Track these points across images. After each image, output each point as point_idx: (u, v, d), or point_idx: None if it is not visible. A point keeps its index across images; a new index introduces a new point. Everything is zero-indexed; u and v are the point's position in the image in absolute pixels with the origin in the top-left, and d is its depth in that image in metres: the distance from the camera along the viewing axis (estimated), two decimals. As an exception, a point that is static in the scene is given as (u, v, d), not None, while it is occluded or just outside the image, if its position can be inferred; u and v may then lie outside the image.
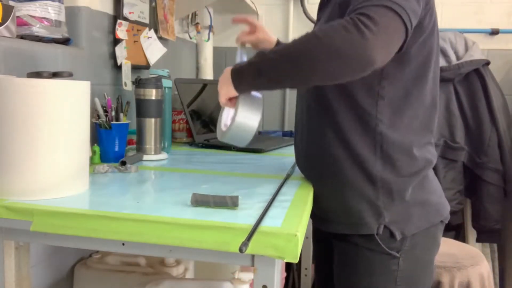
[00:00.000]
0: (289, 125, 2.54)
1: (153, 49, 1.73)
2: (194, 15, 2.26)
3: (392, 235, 1.01)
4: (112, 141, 1.29)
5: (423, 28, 0.95)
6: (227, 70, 0.94)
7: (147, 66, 1.71)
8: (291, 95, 2.48)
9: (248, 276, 0.93)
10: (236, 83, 0.92)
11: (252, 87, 0.94)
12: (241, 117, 0.94)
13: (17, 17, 1.11)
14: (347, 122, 1.00)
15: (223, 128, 1.01)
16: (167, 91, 1.53)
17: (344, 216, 1.05)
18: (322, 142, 1.05)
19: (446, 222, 1.08)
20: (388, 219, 1.01)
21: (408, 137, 1.01)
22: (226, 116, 1.03)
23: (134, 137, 1.43)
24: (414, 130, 1.02)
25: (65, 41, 1.25)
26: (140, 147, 1.37)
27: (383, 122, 0.99)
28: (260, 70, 0.89)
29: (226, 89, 0.94)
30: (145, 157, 1.34)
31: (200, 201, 0.87)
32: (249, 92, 0.95)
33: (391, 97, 0.98)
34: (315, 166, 1.10)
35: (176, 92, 1.72)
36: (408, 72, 0.98)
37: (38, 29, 1.14)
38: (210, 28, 2.32)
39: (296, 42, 0.85)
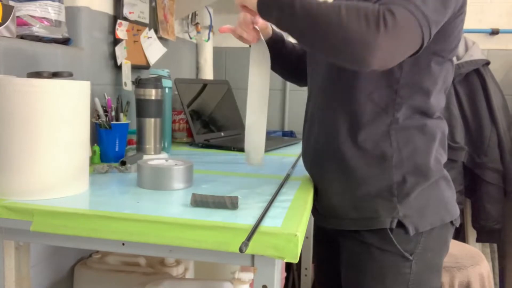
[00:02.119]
0: (289, 125, 2.54)
1: (153, 49, 1.73)
2: (194, 15, 2.26)
3: (406, 230, 0.98)
4: (112, 141, 1.29)
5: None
6: None
7: (147, 66, 1.71)
8: (291, 95, 2.48)
9: (248, 276, 0.93)
10: (260, 7, 0.92)
11: (271, 18, 0.94)
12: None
13: (17, 17, 1.11)
14: (363, 115, 1.00)
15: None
16: (167, 91, 1.53)
17: (356, 211, 1.02)
18: (336, 135, 1.03)
19: (457, 225, 1.06)
20: (402, 213, 0.98)
21: (426, 134, 1.01)
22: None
23: (134, 137, 1.43)
24: (432, 128, 1.03)
25: (65, 41, 1.25)
26: (140, 147, 1.36)
27: (399, 117, 0.99)
28: (283, 9, 0.89)
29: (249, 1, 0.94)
30: (145, 157, 1.34)
31: (199, 201, 0.87)
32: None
33: (409, 93, 0.99)
34: (326, 160, 1.07)
35: (176, 92, 1.72)
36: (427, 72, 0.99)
37: (38, 29, 1.14)
38: (210, 28, 2.32)
39: (324, 8, 0.85)
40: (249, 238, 0.74)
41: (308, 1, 0.87)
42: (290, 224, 0.79)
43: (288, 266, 2.15)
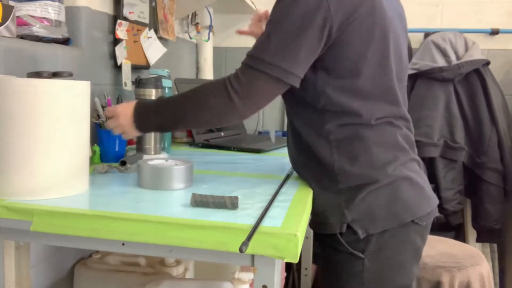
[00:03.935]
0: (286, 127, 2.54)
1: (153, 49, 1.73)
2: (194, 15, 2.26)
3: (355, 233, 1.01)
4: (112, 141, 1.29)
5: (349, 44, 0.97)
6: (125, 109, 1.07)
7: (147, 66, 1.71)
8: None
9: (248, 276, 0.93)
10: (138, 124, 1.06)
11: (152, 127, 1.09)
12: None
13: (17, 17, 1.11)
14: (303, 130, 1.07)
15: None
16: (167, 91, 1.53)
17: (315, 215, 1.07)
18: (294, 146, 1.13)
19: (423, 223, 1.04)
20: (350, 217, 1.01)
21: (364, 140, 1.02)
22: None
23: (134, 137, 1.43)
24: (371, 131, 1.03)
25: (65, 41, 1.25)
26: (140, 147, 1.36)
27: (333, 131, 1.02)
28: (159, 112, 1.04)
29: (126, 129, 1.08)
30: (145, 157, 1.34)
31: (199, 202, 0.87)
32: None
33: (333, 108, 1.01)
34: (296, 167, 1.18)
35: (176, 92, 1.72)
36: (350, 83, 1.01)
37: (38, 29, 1.14)
38: (210, 28, 2.32)
39: (185, 97, 1.03)
40: (249, 238, 0.74)
41: (174, 98, 1.05)
42: (290, 224, 0.79)
43: (288, 266, 2.15)
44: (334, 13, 0.93)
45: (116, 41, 1.52)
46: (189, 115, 1.01)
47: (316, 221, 1.07)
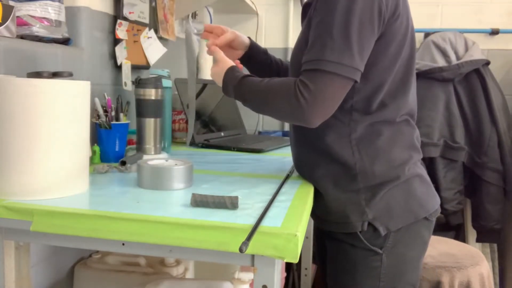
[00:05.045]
0: (289, 126, 2.53)
1: (153, 49, 1.73)
2: (194, 15, 2.26)
3: (376, 231, 1.03)
4: (112, 141, 1.29)
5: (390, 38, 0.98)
6: (223, 70, 1.09)
7: (147, 66, 1.71)
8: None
9: (248, 276, 0.93)
10: (223, 86, 1.09)
11: (231, 95, 1.09)
12: None
13: (17, 17, 1.11)
14: (322, 129, 1.04)
15: None
16: (167, 91, 1.53)
17: (329, 215, 1.08)
18: (305, 146, 1.11)
19: (433, 219, 1.09)
20: (371, 215, 1.03)
21: (384, 139, 1.04)
22: None
23: (134, 137, 1.43)
24: (392, 130, 1.05)
25: (65, 41, 1.25)
26: (140, 147, 1.36)
27: (356, 130, 1.04)
28: (237, 93, 1.05)
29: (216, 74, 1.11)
30: (145, 157, 1.34)
31: (199, 201, 0.87)
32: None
33: (362, 106, 1.02)
34: (303, 168, 1.16)
35: (176, 92, 1.72)
36: (377, 83, 1.01)
37: (38, 29, 1.14)
38: (210, 28, 2.32)
39: (263, 92, 1.00)
40: (249, 238, 0.74)
41: (255, 88, 1.01)
42: (290, 224, 0.79)
43: (288, 266, 2.15)
44: (386, 5, 0.94)
45: (116, 41, 1.52)
46: (262, 111, 1.04)
47: (333, 221, 1.08)
